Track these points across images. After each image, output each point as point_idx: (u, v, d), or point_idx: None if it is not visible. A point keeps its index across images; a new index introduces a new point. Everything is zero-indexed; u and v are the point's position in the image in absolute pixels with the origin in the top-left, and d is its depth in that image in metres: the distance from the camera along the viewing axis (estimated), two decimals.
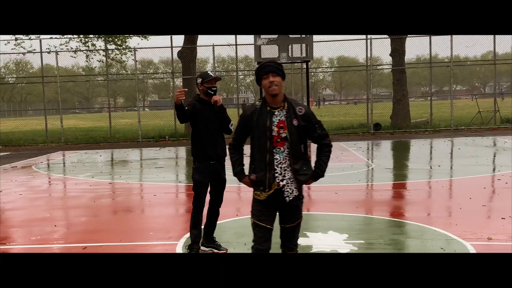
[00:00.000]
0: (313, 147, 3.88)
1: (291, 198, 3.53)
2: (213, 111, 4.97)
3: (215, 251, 5.20)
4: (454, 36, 18.96)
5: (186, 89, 4.86)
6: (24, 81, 56.06)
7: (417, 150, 14.47)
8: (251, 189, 3.66)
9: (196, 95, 5.12)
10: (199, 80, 4.98)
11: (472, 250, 5.13)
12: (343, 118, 28.93)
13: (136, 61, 24.30)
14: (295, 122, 3.45)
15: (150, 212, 7.29)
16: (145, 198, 8.24)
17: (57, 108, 21.00)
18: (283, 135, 3.44)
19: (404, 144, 15.89)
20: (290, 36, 15.82)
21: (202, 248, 5.21)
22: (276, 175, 3.48)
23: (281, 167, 3.48)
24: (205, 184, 4.98)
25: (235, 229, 6.10)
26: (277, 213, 3.63)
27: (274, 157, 3.46)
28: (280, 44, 15.96)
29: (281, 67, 3.52)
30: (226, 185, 5.16)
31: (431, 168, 10.67)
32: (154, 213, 7.24)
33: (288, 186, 3.51)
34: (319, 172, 3.64)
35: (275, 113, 3.47)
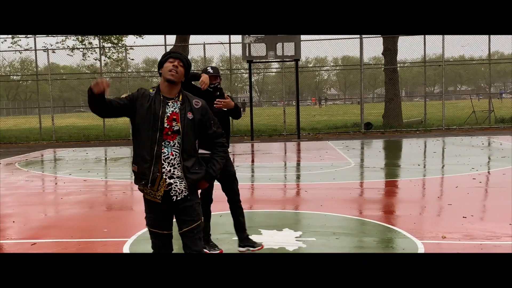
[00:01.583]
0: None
1: (179, 198, 3.24)
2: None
3: (251, 249, 4.96)
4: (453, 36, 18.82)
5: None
6: (20, 79, 56.41)
7: (403, 149, 14.39)
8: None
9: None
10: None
11: (421, 248, 5.07)
12: (340, 117, 28.86)
13: (133, 59, 24.45)
14: (189, 115, 3.22)
15: (112, 209, 7.26)
16: (113, 196, 8.22)
17: (60, 106, 21.13)
18: (176, 128, 3.18)
19: (391, 144, 15.79)
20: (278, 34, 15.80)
21: (239, 249, 5.02)
22: (164, 170, 3.19)
23: (169, 163, 3.19)
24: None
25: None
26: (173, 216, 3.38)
27: (162, 150, 3.17)
28: (268, 43, 15.94)
29: (189, 62, 3.34)
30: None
31: (410, 167, 10.59)
32: (116, 210, 7.21)
33: (176, 185, 3.23)
34: (212, 173, 3.37)
35: (169, 103, 3.22)
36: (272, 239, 5.48)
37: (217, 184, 5.03)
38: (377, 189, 8.37)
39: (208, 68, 4.82)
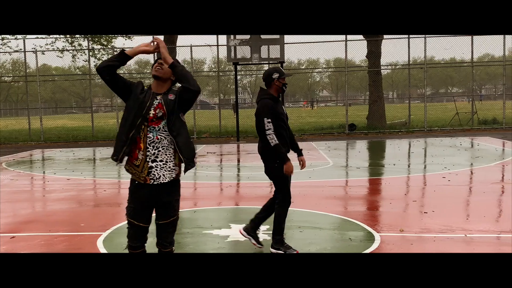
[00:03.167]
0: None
1: (155, 183, 3.48)
2: (282, 108, 4.88)
3: (253, 241, 5.08)
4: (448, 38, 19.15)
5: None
6: (11, 80, 56.41)
7: (382, 150, 14.73)
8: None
9: (267, 93, 4.88)
10: (276, 75, 4.79)
11: (378, 240, 5.40)
12: (330, 119, 29.22)
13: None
14: (171, 97, 3.50)
15: (91, 206, 7.53)
16: (94, 193, 8.51)
17: (52, 108, 21.36)
18: (160, 114, 3.46)
19: (372, 144, 16.14)
20: (262, 37, 16.12)
21: (242, 231, 5.16)
22: (148, 154, 3.46)
23: (154, 146, 3.47)
24: (290, 179, 4.94)
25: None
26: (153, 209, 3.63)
27: (148, 135, 3.45)
28: (252, 45, 16.25)
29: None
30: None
31: (385, 166, 10.94)
32: (95, 207, 7.49)
33: (156, 169, 3.48)
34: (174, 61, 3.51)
35: (157, 97, 3.53)
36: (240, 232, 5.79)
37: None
38: (349, 187, 8.71)
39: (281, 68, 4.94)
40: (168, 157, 3.52)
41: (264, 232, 5.79)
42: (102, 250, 5.21)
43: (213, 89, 71.88)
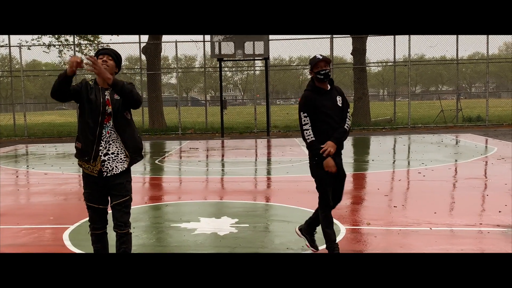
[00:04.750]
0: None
1: (109, 175, 3.71)
2: (331, 100, 4.49)
3: (306, 243, 4.81)
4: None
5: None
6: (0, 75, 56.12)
7: (363, 146, 14.81)
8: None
9: (309, 84, 4.62)
10: (309, 67, 4.57)
11: (343, 232, 5.46)
12: None
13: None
14: (116, 97, 3.69)
15: (64, 200, 7.52)
16: (69, 187, 8.50)
17: (42, 103, 21.32)
18: (109, 110, 3.68)
19: (355, 141, 16.21)
20: None
21: (297, 230, 4.94)
22: (100, 148, 3.67)
23: (105, 141, 3.69)
24: (330, 180, 4.51)
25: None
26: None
27: (102, 132, 3.67)
28: (236, 41, 16.26)
29: (118, 55, 3.84)
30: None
31: (364, 162, 11.00)
32: (67, 200, 7.48)
33: (109, 162, 3.71)
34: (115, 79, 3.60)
35: (105, 92, 3.72)
36: (208, 225, 5.82)
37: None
38: None
39: (317, 55, 4.62)
40: (119, 149, 3.75)
41: (232, 225, 5.82)
42: (67, 243, 5.22)
43: (205, 85, 71.69)
